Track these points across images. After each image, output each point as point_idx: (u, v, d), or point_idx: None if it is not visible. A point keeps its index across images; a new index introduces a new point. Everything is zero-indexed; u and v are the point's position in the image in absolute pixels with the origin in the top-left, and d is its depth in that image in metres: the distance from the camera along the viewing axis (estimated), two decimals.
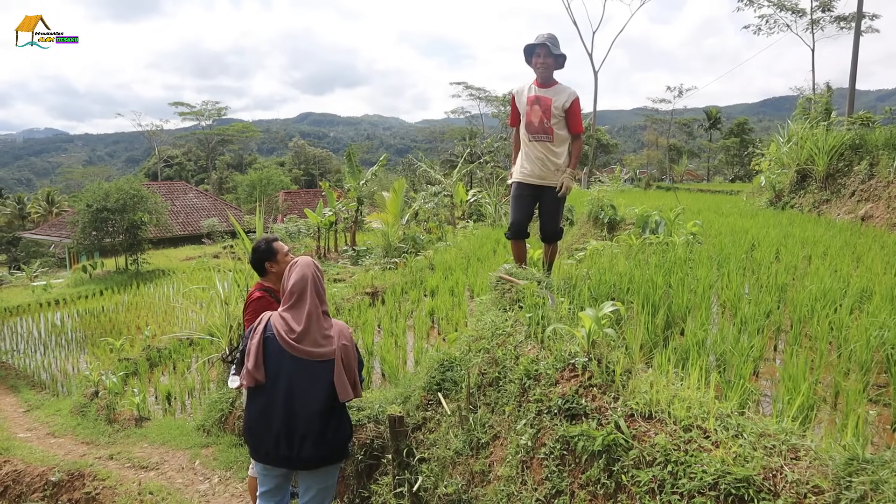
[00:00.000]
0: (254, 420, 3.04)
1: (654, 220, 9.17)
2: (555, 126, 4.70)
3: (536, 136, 4.77)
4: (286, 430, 2.95)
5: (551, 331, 2.87)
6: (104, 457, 6.56)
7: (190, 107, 60.38)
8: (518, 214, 4.90)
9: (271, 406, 2.97)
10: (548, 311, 3.27)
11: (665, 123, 65.73)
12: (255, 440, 3.05)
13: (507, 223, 15.87)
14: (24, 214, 60.51)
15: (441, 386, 3.86)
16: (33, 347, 13.30)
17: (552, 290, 3.68)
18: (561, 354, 2.79)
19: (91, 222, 19.96)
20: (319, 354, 2.97)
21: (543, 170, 4.74)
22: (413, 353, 6.21)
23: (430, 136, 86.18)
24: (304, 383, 2.95)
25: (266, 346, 2.99)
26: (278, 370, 2.97)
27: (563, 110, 4.68)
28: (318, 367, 2.97)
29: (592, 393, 2.49)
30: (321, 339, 3.00)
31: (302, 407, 2.94)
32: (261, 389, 3.00)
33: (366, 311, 7.75)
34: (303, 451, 2.96)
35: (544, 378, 2.80)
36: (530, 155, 4.83)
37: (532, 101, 4.79)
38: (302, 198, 40.62)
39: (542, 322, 3.20)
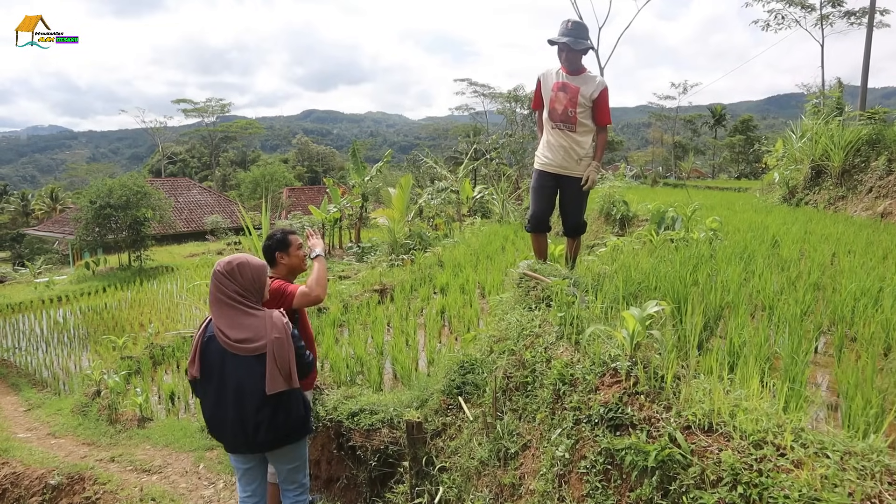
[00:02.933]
0: (209, 414, 3.30)
1: (671, 216, 8.93)
2: (580, 115, 4.47)
3: (559, 124, 4.54)
4: (240, 421, 3.17)
5: (590, 333, 2.62)
6: (105, 459, 6.34)
7: (193, 103, 60.15)
8: (538, 205, 4.66)
9: (222, 400, 3.19)
10: (580, 311, 3.03)
11: (670, 120, 65.35)
12: (215, 432, 3.32)
13: (515, 219, 15.60)
14: (28, 211, 60.51)
15: (462, 389, 3.63)
16: (35, 345, 13.10)
17: (581, 288, 3.44)
18: (600, 358, 2.55)
19: (94, 219, 19.78)
20: (252, 350, 3.13)
21: (566, 159, 4.51)
22: (425, 352, 5.97)
23: (434, 133, 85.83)
24: (247, 377, 3.14)
25: (207, 346, 3.20)
26: (223, 367, 3.16)
27: (590, 100, 4.46)
28: (254, 361, 3.13)
29: (639, 401, 2.25)
30: (251, 335, 3.15)
31: (249, 398, 3.14)
32: (204, 384, 3.22)
33: (375, 309, 7.51)
34: (258, 437, 3.18)
35: (581, 384, 2.56)
36: (552, 143, 4.60)
37: (558, 87, 4.56)
38: (306, 194, 40.39)
39: (575, 322, 2.95)
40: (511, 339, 3.42)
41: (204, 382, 3.21)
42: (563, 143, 4.51)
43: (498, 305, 4.27)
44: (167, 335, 10.66)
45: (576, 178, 4.51)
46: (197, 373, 3.20)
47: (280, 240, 3.89)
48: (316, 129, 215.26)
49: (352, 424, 4.35)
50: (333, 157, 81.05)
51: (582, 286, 3.54)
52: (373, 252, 16.12)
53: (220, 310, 3.17)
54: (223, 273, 3.19)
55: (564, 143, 4.51)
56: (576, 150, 4.50)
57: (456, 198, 19.39)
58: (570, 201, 4.62)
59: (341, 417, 4.46)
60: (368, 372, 5.44)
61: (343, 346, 6.22)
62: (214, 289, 3.19)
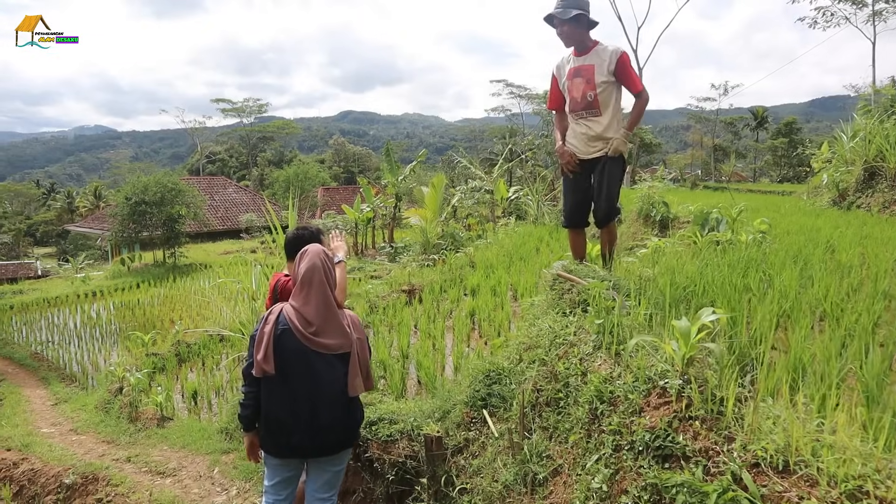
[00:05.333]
0: (273, 415, 2.97)
1: (714, 217, 8.46)
2: (601, 95, 4.10)
3: (582, 112, 4.18)
4: (311, 422, 2.92)
5: (634, 344, 2.26)
6: (122, 458, 6.17)
7: (232, 103, 60.90)
8: (571, 198, 4.29)
9: (293, 399, 2.92)
10: (621, 318, 2.67)
11: (710, 123, 63.86)
12: (277, 433, 2.98)
13: (550, 220, 15.19)
14: (72, 208, 62.16)
15: (487, 402, 3.29)
16: (67, 339, 13.17)
17: (622, 292, 3.08)
18: (644, 374, 2.19)
19: (130, 215, 19.97)
20: (337, 347, 2.95)
21: (594, 145, 4.17)
22: (452, 357, 5.64)
23: (469, 135, 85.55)
24: (326, 376, 2.93)
25: (280, 338, 2.91)
26: (296, 363, 2.91)
27: (610, 73, 4.06)
28: (336, 360, 2.96)
29: (693, 428, 1.89)
30: (337, 332, 2.97)
31: (325, 399, 2.94)
32: (275, 381, 2.93)
33: (402, 311, 7.21)
34: (327, 439, 2.98)
35: (623, 403, 2.21)
36: (577, 132, 4.25)
37: (572, 73, 4.19)
38: (340, 194, 40.46)
39: (615, 331, 2.59)
40: (542, 348, 3.07)
41: (273, 379, 2.93)
42: (588, 132, 4.18)
43: (529, 309, 3.92)
44: (194, 332, 10.54)
45: (604, 158, 4.15)
46: (272, 368, 2.89)
47: (310, 236, 3.65)
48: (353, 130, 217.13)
49: (369, 434, 4.05)
50: (369, 157, 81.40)
51: (623, 290, 3.18)
52: (405, 252, 15.89)
53: (315, 298, 2.92)
54: (327, 255, 3.02)
55: (589, 132, 4.17)
56: (602, 136, 4.15)
57: (490, 198, 19.04)
58: (597, 183, 4.23)
59: None
60: (391, 377, 5.13)
61: None
62: (322, 269, 2.95)
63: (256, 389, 3.00)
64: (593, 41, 4.17)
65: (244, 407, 3.06)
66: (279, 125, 70.62)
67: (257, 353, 2.90)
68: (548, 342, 3.05)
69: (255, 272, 6.86)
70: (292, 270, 3.61)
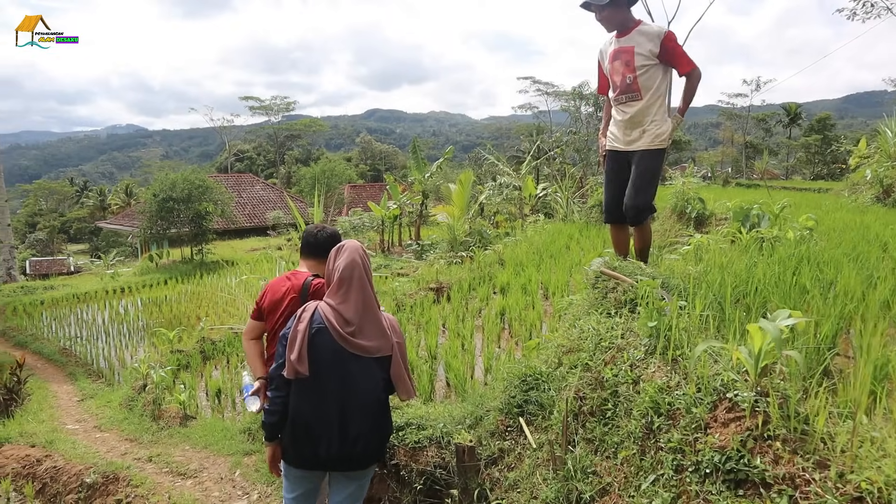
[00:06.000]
0: (302, 420, 2.72)
1: (756, 213, 8.09)
2: (641, 78, 3.80)
3: (622, 97, 3.89)
4: (340, 430, 2.70)
5: (701, 351, 1.98)
6: (143, 458, 6.04)
7: (259, 101, 61.31)
8: (610, 191, 4.01)
9: (323, 404, 2.70)
10: (678, 320, 2.40)
11: (741, 119, 62.57)
12: (302, 441, 2.73)
13: (580, 218, 14.85)
14: (105, 206, 63.26)
15: (523, 409, 3.04)
16: (95, 335, 13.19)
17: (673, 292, 2.80)
18: (708, 384, 1.92)
19: (158, 212, 20.06)
20: (376, 349, 2.73)
21: (631, 132, 3.88)
22: (482, 358, 5.39)
23: (496, 133, 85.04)
24: (361, 381, 2.72)
25: (315, 338, 2.68)
26: (330, 365, 2.69)
27: (651, 55, 3.76)
28: (373, 364, 2.74)
29: (773, 449, 1.62)
30: (378, 333, 2.76)
31: (358, 406, 2.72)
32: (306, 385, 2.69)
33: (429, 309, 6.97)
34: (355, 450, 2.73)
35: (684, 417, 1.95)
36: (617, 119, 3.97)
37: (613, 55, 3.91)
38: (367, 191, 40.43)
39: (673, 335, 2.32)
40: (586, 352, 2.81)
41: (306, 382, 2.69)
42: (627, 118, 3.88)
43: (567, 309, 3.66)
44: (220, 329, 10.44)
45: (641, 150, 3.85)
46: (306, 370, 2.66)
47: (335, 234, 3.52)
48: (379, 129, 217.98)
49: (396, 440, 3.83)
50: (396, 155, 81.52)
51: (674, 289, 2.90)
52: (432, 249, 15.68)
53: (355, 296, 2.72)
54: (366, 251, 2.83)
55: (628, 118, 3.87)
56: (641, 121, 3.85)
57: (518, 195, 18.74)
58: (631, 179, 3.92)
59: None
60: (419, 379, 4.89)
61: None
62: (362, 265, 2.76)
63: (286, 394, 2.74)
64: (635, 21, 3.88)
65: (271, 413, 2.79)
66: (306, 123, 70.96)
67: (290, 352, 2.67)
68: (592, 345, 2.79)
69: (280, 268, 6.69)
70: (311, 269, 3.51)
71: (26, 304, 15.53)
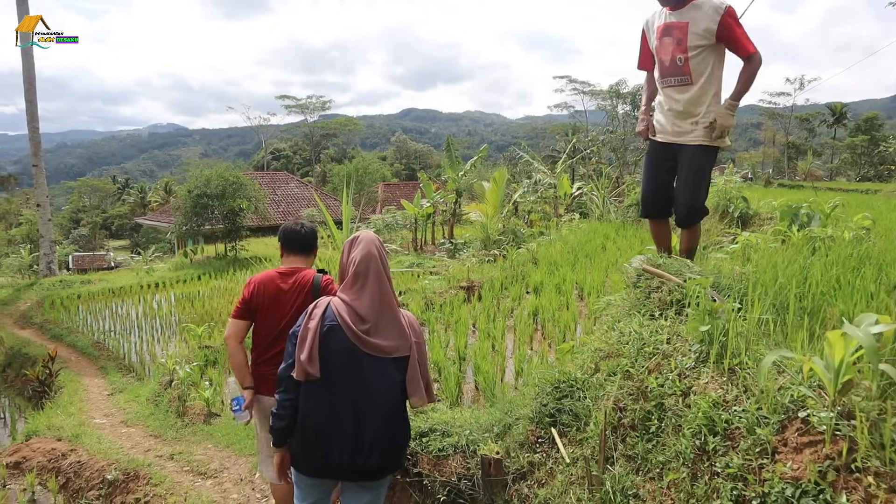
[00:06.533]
0: (312, 425, 2.50)
1: (805, 212, 7.66)
2: (694, 61, 3.42)
3: (669, 79, 3.52)
4: (353, 437, 2.48)
5: (770, 362, 1.69)
6: (165, 455, 5.94)
7: (296, 100, 61.81)
8: (650, 183, 3.66)
9: (336, 408, 2.48)
10: (734, 324, 2.10)
11: (783, 119, 60.84)
12: (312, 447, 2.51)
13: (616, 217, 14.44)
14: (145, 203, 64.63)
15: (556, 418, 2.77)
16: (128, 329, 13.28)
17: (725, 292, 2.50)
18: (775, 400, 1.64)
19: (192, 208, 20.21)
20: (394, 349, 2.51)
21: (680, 123, 3.50)
22: (513, 360, 5.12)
23: (531, 133, 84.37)
24: (376, 383, 2.49)
25: (327, 336, 2.47)
26: (343, 366, 2.48)
27: (708, 34, 3.37)
28: (390, 364, 2.52)
29: (864, 485, 1.33)
30: (395, 331, 2.54)
31: (373, 410, 2.49)
32: (317, 387, 2.48)
33: (459, 308, 6.73)
34: (370, 459, 2.49)
35: (746, 438, 1.66)
36: (663, 105, 3.59)
37: (662, 31, 3.52)
38: (401, 190, 40.40)
39: (731, 341, 2.03)
40: (626, 357, 2.54)
41: (317, 384, 2.49)
42: (675, 105, 3.52)
43: (605, 310, 3.37)
44: None
45: (692, 146, 3.49)
46: (316, 371, 2.46)
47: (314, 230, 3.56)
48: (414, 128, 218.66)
49: (419, 446, 3.59)
50: (431, 155, 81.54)
51: (724, 290, 2.61)
52: (465, 248, 15.46)
53: (370, 291, 2.51)
54: (382, 243, 2.63)
55: (676, 105, 3.51)
56: (691, 111, 3.47)
57: (553, 194, 18.38)
58: (682, 177, 3.56)
59: None
60: (445, 381, 4.64)
61: None
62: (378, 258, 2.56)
63: (295, 396, 2.54)
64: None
65: (279, 417, 2.57)
66: (342, 122, 71.35)
67: (300, 352, 2.47)
68: (633, 351, 2.51)
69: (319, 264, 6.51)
70: (286, 264, 3.45)
71: (63, 298, 15.75)
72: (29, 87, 18.91)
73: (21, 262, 23.35)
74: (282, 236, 3.55)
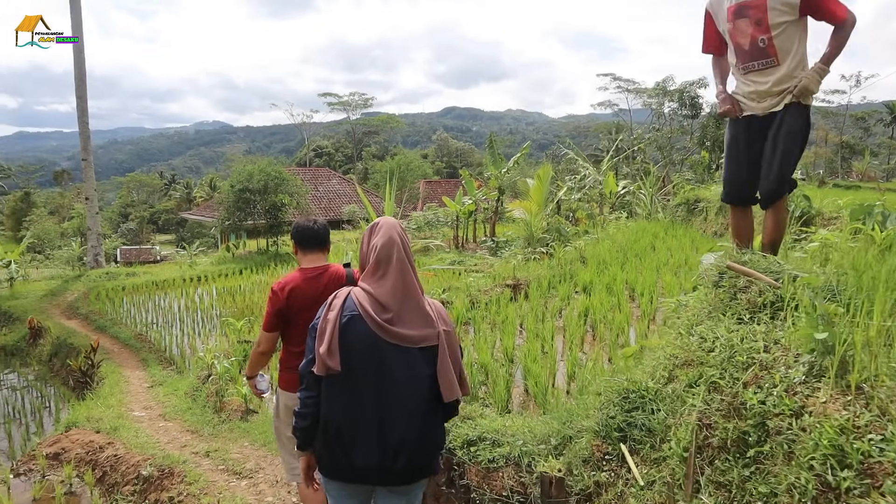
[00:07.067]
0: (335, 422, 2.29)
1: (879, 211, 7.14)
2: (778, 39, 3.06)
3: (751, 64, 3.15)
4: (378, 436, 2.28)
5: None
6: (201, 452, 5.78)
7: (338, 97, 62.30)
8: (736, 166, 3.29)
9: (358, 405, 2.29)
10: (855, 332, 1.75)
11: (837, 118, 58.70)
12: (336, 449, 2.31)
13: (664, 217, 13.90)
14: (190, 198, 65.90)
15: (625, 433, 2.45)
16: (170, 322, 13.34)
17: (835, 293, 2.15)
18: None
19: (235, 203, 20.33)
20: (420, 339, 2.30)
21: (769, 100, 3.15)
22: (565, 363, 4.79)
23: (573, 132, 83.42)
24: (400, 376, 2.29)
25: (347, 328, 2.28)
26: (366, 359, 2.28)
27: (791, 9, 3.02)
28: (418, 355, 2.31)
29: None
30: (421, 320, 2.33)
31: (400, 406, 2.29)
32: (339, 382, 2.28)
33: (506, 307, 6.41)
34: (398, 461, 2.28)
35: (890, 476, 1.32)
36: (744, 91, 3.22)
37: (734, 12, 3.16)
38: (442, 187, 40.21)
39: (852, 351, 1.69)
40: (712, 367, 2.20)
41: (340, 379, 2.29)
42: (761, 86, 3.14)
43: (676, 312, 3.02)
44: None
45: (784, 109, 3.12)
46: (337, 365, 2.27)
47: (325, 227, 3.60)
48: (456, 126, 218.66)
49: (467, 456, 3.31)
50: (472, 153, 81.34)
51: (828, 291, 2.25)
52: (507, 247, 15.13)
53: (393, 278, 2.33)
54: (403, 228, 2.48)
55: (762, 86, 3.13)
56: (776, 88, 3.12)
57: (598, 192, 17.91)
58: (771, 144, 3.17)
59: (454, 444, 3.42)
60: (494, 384, 4.34)
61: (466, 350, 5.17)
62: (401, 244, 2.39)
63: (317, 394, 2.34)
64: None
65: (301, 416, 2.37)
66: (383, 119, 71.77)
67: (319, 345, 2.28)
68: (720, 359, 2.17)
69: (348, 258, 6.29)
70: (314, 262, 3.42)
71: (109, 290, 15.95)
72: (79, 83, 19.26)
73: (70, 255, 23.90)
74: (296, 234, 3.46)
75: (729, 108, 3.22)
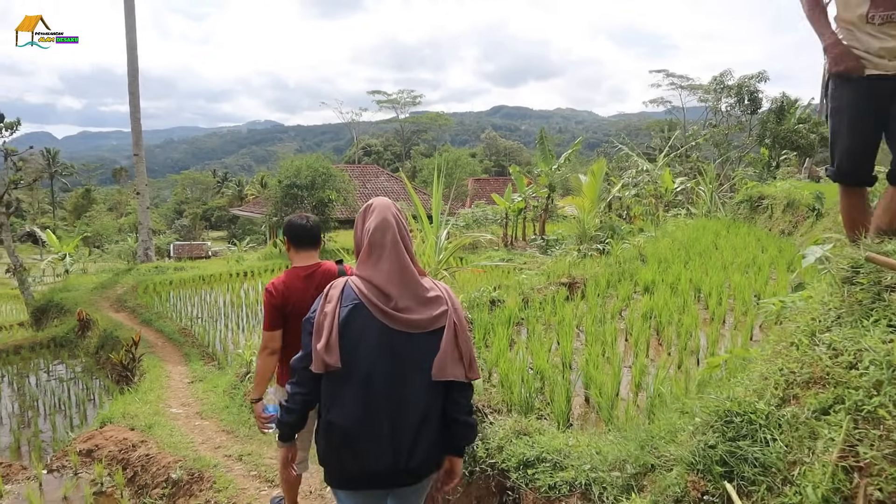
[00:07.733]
0: (346, 425, 2.07)
1: None
2: None
3: (888, 14, 2.58)
4: (391, 435, 2.07)
5: None
6: (234, 455, 5.46)
7: (386, 94, 62.44)
8: (854, 137, 2.67)
9: (368, 403, 2.06)
10: None
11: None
12: (346, 455, 2.09)
13: (724, 214, 13.06)
14: (242, 196, 67.11)
15: (731, 468, 1.92)
16: (214, 317, 13.25)
17: None
18: None
19: (282, 198, 20.29)
20: (429, 322, 2.11)
21: None
22: (631, 371, 4.24)
23: (624, 130, 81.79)
24: (412, 367, 2.09)
25: (349, 319, 2.08)
26: (371, 350, 2.07)
27: None
28: (426, 341, 2.11)
29: None
30: (423, 301, 2.14)
31: (411, 401, 2.09)
32: (341, 380, 2.08)
33: (562, 307, 5.87)
34: (412, 459, 2.08)
35: None
36: (873, 46, 2.62)
37: None
38: (491, 185, 39.69)
39: None
40: (856, 388, 1.66)
41: (342, 375, 2.08)
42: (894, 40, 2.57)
43: (786, 314, 2.47)
44: None
45: None
46: (337, 361, 2.05)
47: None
48: (504, 125, 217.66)
49: (523, 479, 2.82)
50: (521, 152, 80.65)
51: None
52: (558, 245, 14.57)
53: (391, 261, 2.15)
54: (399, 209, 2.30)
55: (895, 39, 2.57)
56: None
57: (654, 189, 17.15)
58: None
59: (509, 465, 2.94)
60: (552, 393, 3.82)
61: (519, 353, 4.66)
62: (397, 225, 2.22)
63: (308, 391, 2.17)
64: None
65: (289, 412, 2.23)
66: (432, 117, 71.78)
67: (317, 340, 2.09)
68: (869, 379, 1.63)
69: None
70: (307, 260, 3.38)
71: (156, 284, 16.02)
72: (131, 79, 19.51)
73: (121, 249, 24.33)
74: (289, 232, 3.44)
75: (853, 63, 2.63)
